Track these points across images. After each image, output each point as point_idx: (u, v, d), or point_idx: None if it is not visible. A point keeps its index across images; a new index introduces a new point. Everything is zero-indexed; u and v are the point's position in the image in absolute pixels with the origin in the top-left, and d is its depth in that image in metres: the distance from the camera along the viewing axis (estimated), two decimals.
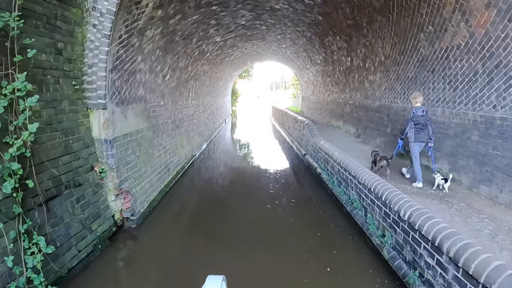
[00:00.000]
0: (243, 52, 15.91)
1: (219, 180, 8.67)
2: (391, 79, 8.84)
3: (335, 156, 6.54)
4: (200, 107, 11.91)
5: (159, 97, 6.76)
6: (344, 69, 12.52)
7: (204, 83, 12.12)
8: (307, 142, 9.84)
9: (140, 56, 5.31)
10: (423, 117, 5.40)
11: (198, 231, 5.27)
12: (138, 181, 5.50)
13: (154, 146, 6.39)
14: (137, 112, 5.59)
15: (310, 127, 9.36)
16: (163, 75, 6.73)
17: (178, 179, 7.80)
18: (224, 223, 5.55)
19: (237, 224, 5.51)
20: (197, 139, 10.90)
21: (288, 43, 15.10)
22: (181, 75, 8.18)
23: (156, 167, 6.43)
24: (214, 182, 8.38)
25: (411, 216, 3.59)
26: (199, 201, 6.77)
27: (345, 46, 11.13)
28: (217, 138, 16.15)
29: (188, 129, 9.60)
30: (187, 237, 5.11)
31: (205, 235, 4.99)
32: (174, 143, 7.84)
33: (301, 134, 10.82)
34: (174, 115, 7.93)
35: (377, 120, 9.99)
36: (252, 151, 13.52)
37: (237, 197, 7.05)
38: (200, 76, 10.81)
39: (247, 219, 5.73)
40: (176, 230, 5.35)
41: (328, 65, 14.34)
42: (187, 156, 9.23)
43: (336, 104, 14.68)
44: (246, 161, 11.32)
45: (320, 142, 7.91)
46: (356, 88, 11.75)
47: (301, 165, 9.83)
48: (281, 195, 7.08)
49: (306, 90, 21.93)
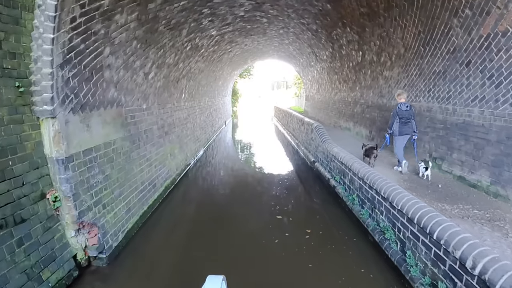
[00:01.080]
0: (243, 49, 14.74)
1: (216, 194, 7.51)
2: (412, 74, 7.65)
3: (355, 169, 5.36)
4: (195, 109, 10.75)
5: (140, 99, 5.60)
6: (354, 64, 11.32)
7: (200, 82, 10.96)
8: (316, 147, 8.67)
9: (109, 48, 4.15)
10: (407, 112, 5.85)
11: (189, 263, 4.11)
12: (109, 207, 4.34)
13: (133, 160, 5.24)
14: (107, 120, 4.43)
15: (320, 130, 8.17)
16: (144, 73, 5.57)
17: (168, 196, 6.64)
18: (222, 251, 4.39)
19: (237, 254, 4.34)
20: (192, 145, 9.75)
21: (291, 38, 13.91)
22: (169, 73, 7.02)
23: (136, 186, 5.28)
24: (210, 197, 7.22)
25: (489, 270, 2.39)
26: (192, 222, 5.60)
27: (356, 38, 9.93)
28: (216, 142, 14.99)
29: (180, 135, 8.45)
30: (176, 274, 3.95)
31: (198, 267, 3.82)
32: (162, 153, 6.68)
33: (309, 138, 9.64)
34: (161, 120, 6.77)
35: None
36: (253, 157, 12.34)
37: (238, 216, 5.88)
38: (194, 74, 9.65)
39: (248, 250, 4.56)
40: (160, 265, 4.18)
41: (335, 61, 13.15)
42: (180, 166, 8.07)
43: (344, 104, 13.48)
44: (248, 170, 10.14)
45: (334, 149, 6.73)
46: (369, 85, 10.56)
47: (310, 175, 8.64)
48: (289, 214, 5.91)
49: (310, 89, 20.72)
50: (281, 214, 5.87)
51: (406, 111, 5.85)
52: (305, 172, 9.01)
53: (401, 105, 5.90)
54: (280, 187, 7.83)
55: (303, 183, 8.18)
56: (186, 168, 8.67)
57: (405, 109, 5.86)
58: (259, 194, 7.28)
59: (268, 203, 6.51)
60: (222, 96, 19.66)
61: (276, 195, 7.14)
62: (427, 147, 7.20)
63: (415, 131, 5.97)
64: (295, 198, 7.00)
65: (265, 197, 7.01)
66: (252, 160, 11.67)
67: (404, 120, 5.86)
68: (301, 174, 9.03)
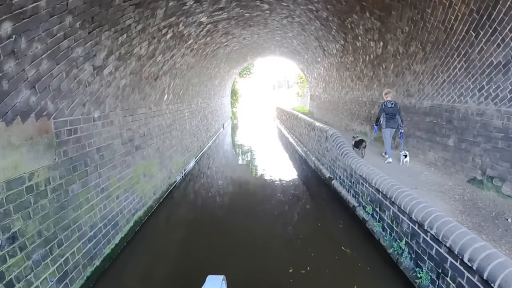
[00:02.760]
0: (241, 43, 13.01)
1: (207, 219, 5.75)
2: (456, 68, 5.93)
3: (403, 202, 3.62)
4: (184, 113, 9.03)
5: (89, 104, 3.88)
6: (372, 58, 9.57)
7: (190, 81, 9.24)
8: (332, 160, 6.93)
9: (10, 22, 2.44)
10: (392, 109, 6.67)
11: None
12: (22, 283, 2.63)
13: (74, 197, 3.52)
14: (14, 141, 2.71)
15: (338, 140, 6.43)
16: (95, 66, 3.85)
17: (136, 235, 4.91)
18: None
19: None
20: (179, 158, 8.02)
21: (295, 31, 12.18)
22: (142, 68, 5.30)
23: (81, 234, 3.57)
24: (198, 229, 5.47)
25: None
26: (168, 276, 3.88)
27: (378, 26, 8.18)
28: (212, 149, 13.26)
29: (162, 147, 6.73)
30: None
31: None
32: (129, 176, 4.96)
33: (322, 147, 7.91)
34: (129, 130, 5.05)
35: (428, 127, 7.12)
36: (255, 169, 10.59)
37: (235, 257, 4.14)
38: (181, 71, 7.93)
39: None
40: None
41: (347, 55, 11.40)
42: (160, 188, 6.36)
43: (358, 104, 11.74)
44: (248, 186, 8.40)
45: (362, 168, 4.99)
46: (391, 82, 8.82)
47: (326, 195, 6.87)
48: (304, 259, 4.17)
49: (316, 88, 18.97)
50: (296, 267, 4.13)
51: (391, 108, 6.70)
52: (319, 192, 7.22)
53: (387, 102, 6.75)
54: (290, 214, 6.10)
55: (319, 210, 6.37)
56: (170, 188, 6.96)
57: (390, 106, 6.71)
58: (263, 227, 5.54)
59: (273, 238, 4.79)
60: (219, 96, 17.94)
61: (284, 225, 5.41)
62: (478, 162, 5.52)
63: (401, 125, 6.79)
64: (311, 232, 5.26)
65: (270, 226, 5.28)
66: (252, 172, 9.92)
67: (390, 115, 6.71)
68: (314, 195, 7.24)
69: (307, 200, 6.88)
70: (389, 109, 6.70)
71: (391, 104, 6.70)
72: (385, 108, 6.74)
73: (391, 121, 6.75)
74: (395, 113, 6.69)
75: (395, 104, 6.73)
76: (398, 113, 6.72)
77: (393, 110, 6.69)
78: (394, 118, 6.74)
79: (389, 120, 6.74)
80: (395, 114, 6.69)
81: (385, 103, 6.79)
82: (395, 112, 6.69)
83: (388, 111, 6.71)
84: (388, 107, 6.71)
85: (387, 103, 6.75)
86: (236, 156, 12.74)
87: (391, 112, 6.69)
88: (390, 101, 6.76)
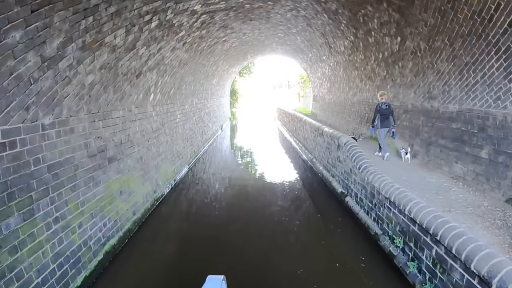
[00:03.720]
0: (241, 39, 12.05)
1: (198, 245, 4.77)
2: (492, 66, 5.01)
3: (454, 245, 2.66)
4: (176, 115, 8.06)
5: (35, 108, 2.93)
6: (386, 56, 8.62)
7: (184, 79, 8.27)
8: (346, 173, 5.97)
9: None
10: (386, 110, 7.10)
11: None
12: None
13: (10, 236, 2.57)
14: None
15: (354, 150, 5.45)
16: (45, 57, 2.89)
17: (108, 269, 3.94)
18: None
19: None
20: (168, 167, 7.06)
21: (300, 26, 11.23)
22: (118, 62, 4.34)
23: (20, 285, 2.60)
24: (188, 251, 4.48)
25: None
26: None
27: (396, 18, 7.22)
28: (208, 153, 12.30)
29: (146, 156, 5.77)
30: None
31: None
32: (99, 197, 3.99)
33: (332, 157, 6.94)
34: (99, 139, 4.08)
35: (455, 135, 6.19)
36: (254, 177, 9.62)
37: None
38: (172, 67, 6.97)
39: None
40: None
41: (356, 52, 10.44)
42: (143, 206, 5.40)
43: (368, 106, 10.79)
44: (247, 197, 7.43)
45: (389, 188, 4.02)
46: (408, 83, 7.88)
47: (339, 215, 5.89)
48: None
49: (320, 88, 18.01)
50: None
51: (386, 109, 7.05)
52: (330, 211, 6.19)
53: (382, 104, 7.08)
54: (298, 243, 5.13)
55: (332, 237, 5.35)
56: (156, 204, 5.99)
57: (385, 107, 7.06)
58: (260, 247, 4.57)
59: (275, 271, 3.82)
60: (218, 96, 16.97)
61: (291, 259, 4.44)
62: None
63: (393, 125, 7.16)
64: (324, 264, 4.29)
65: (273, 255, 4.31)
66: (252, 181, 8.94)
67: (384, 116, 7.06)
68: (324, 214, 6.19)
69: (317, 222, 5.86)
70: (383, 110, 7.10)
71: (385, 106, 7.11)
72: (380, 109, 7.11)
73: (386, 121, 7.14)
74: (389, 114, 7.10)
75: (389, 106, 7.14)
76: (391, 114, 7.13)
77: (387, 111, 7.09)
78: (388, 118, 7.14)
79: (384, 121, 7.13)
80: (389, 114, 7.10)
81: (380, 105, 7.14)
82: (389, 113, 7.10)
83: (383, 112, 7.10)
84: (383, 109, 7.10)
85: (381, 105, 7.12)
86: (234, 162, 11.76)
87: (386, 113, 7.09)
88: (384, 103, 7.16)
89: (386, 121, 7.16)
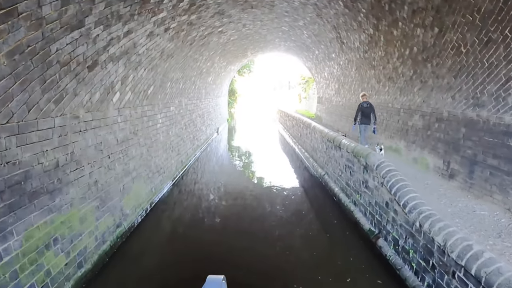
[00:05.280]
0: (241, 32, 10.53)
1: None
2: None
3: None
4: (156, 120, 6.51)
5: None
6: (415, 51, 7.10)
7: (168, 75, 6.72)
8: (379, 207, 4.43)
9: None
10: (367, 108, 7.94)
11: None
12: None
13: None
14: None
15: (395, 178, 3.88)
16: None
17: None
18: None
19: None
20: (141, 188, 5.50)
21: (308, 18, 9.73)
22: (48, 45, 2.80)
23: None
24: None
25: None
26: None
27: (436, 3, 5.70)
28: (200, 161, 10.74)
29: (104, 179, 4.20)
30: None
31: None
32: (3, 263, 2.43)
33: (355, 179, 5.36)
34: (9, 166, 2.52)
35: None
36: (253, 195, 8.06)
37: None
38: (149, 59, 5.43)
39: None
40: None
41: (375, 48, 8.91)
42: (94, 254, 3.84)
43: (386, 111, 9.29)
44: (243, 219, 5.89)
45: (466, 250, 2.50)
46: (445, 85, 6.40)
47: (369, 265, 4.33)
48: None
49: (326, 90, 16.49)
50: None
51: (367, 108, 7.97)
52: (352, 252, 4.68)
53: (363, 103, 8.05)
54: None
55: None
56: (119, 243, 4.43)
57: (366, 106, 7.99)
58: None
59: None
60: (214, 96, 15.42)
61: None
62: None
63: (374, 122, 8.00)
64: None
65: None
66: (250, 200, 7.40)
67: (365, 114, 7.98)
68: (345, 255, 4.67)
69: (336, 269, 4.31)
70: (365, 109, 7.90)
71: (366, 105, 7.92)
72: (362, 108, 7.95)
73: (366, 119, 7.94)
74: (369, 112, 7.87)
75: (370, 105, 7.94)
76: (372, 112, 7.89)
77: (368, 109, 7.88)
78: (368, 116, 7.91)
79: (364, 118, 7.94)
80: (369, 113, 7.88)
81: (361, 104, 7.99)
82: (370, 111, 7.87)
83: (364, 111, 7.91)
84: (364, 107, 7.91)
85: (363, 104, 7.97)
86: (229, 172, 10.21)
87: (366, 111, 7.90)
88: (365, 102, 7.99)
89: (367, 118, 7.99)
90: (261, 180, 8.97)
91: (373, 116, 7.92)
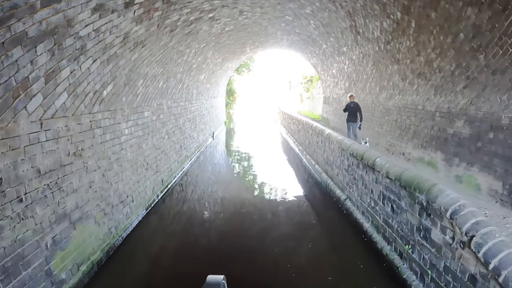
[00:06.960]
0: (237, 21, 8.90)
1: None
2: None
3: None
4: (120, 131, 4.86)
5: None
6: (462, 39, 5.44)
7: (138, 69, 5.09)
8: (448, 274, 2.82)
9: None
10: (353, 108, 8.81)
11: None
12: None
13: None
14: None
15: (493, 239, 2.28)
16: None
17: None
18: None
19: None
20: (92, 232, 3.87)
21: (317, 3, 8.10)
22: None
23: None
24: None
25: None
26: None
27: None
28: (189, 176, 9.10)
29: (17, 242, 2.59)
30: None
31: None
32: None
33: (402, 218, 3.65)
34: None
35: None
36: (253, 226, 6.43)
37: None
38: (103, 46, 3.81)
39: None
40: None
41: (402, 37, 7.25)
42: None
43: (415, 115, 7.67)
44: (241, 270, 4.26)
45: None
46: (506, 83, 4.80)
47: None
48: None
49: (334, 89, 14.83)
50: None
51: (353, 108, 8.83)
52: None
53: (350, 103, 8.96)
54: None
55: None
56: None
57: (353, 106, 8.85)
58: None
59: None
60: (208, 97, 13.77)
61: None
62: None
63: (360, 120, 8.74)
64: None
65: None
66: (248, 234, 5.76)
67: (352, 113, 8.86)
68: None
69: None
70: (351, 108, 8.85)
71: (353, 104, 8.88)
72: (349, 107, 8.94)
73: (352, 117, 8.89)
74: (356, 111, 8.78)
75: (356, 104, 8.88)
76: (359, 112, 8.76)
77: (354, 109, 8.81)
78: (355, 115, 8.82)
79: (351, 117, 8.92)
80: (356, 112, 8.78)
81: (348, 104, 9.02)
82: (356, 110, 8.78)
83: (351, 110, 8.87)
84: (351, 107, 8.88)
85: (350, 104, 8.95)
86: (224, 187, 8.57)
87: (353, 111, 8.83)
88: (352, 102, 8.96)
89: (353, 117, 8.82)
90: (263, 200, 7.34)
91: (359, 114, 8.68)
